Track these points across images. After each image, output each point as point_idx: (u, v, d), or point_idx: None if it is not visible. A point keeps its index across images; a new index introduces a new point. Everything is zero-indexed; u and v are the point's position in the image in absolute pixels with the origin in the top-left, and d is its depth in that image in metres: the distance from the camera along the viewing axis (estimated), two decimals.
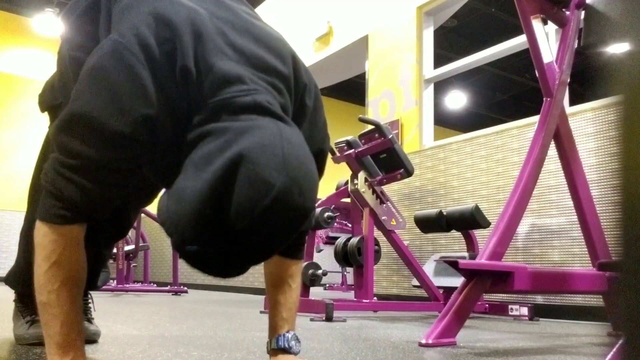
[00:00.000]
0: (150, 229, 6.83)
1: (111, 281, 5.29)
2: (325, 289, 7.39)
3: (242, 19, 0.93)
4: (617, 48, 0.32)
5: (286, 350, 1.13)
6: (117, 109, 0.82)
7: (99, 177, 0.87)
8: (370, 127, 3.28)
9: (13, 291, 1.61)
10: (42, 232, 0.93)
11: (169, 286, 5.94)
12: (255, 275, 5.62)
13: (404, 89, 4.63)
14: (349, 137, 3.30)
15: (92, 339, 1.55)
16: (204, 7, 0.91)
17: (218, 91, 0.81)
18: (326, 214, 3.26)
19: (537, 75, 2.16)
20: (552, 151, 2.20)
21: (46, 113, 1.38)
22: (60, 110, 1.29)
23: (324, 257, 4.71)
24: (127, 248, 5.60)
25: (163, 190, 0.80)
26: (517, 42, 3.85)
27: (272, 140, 0.73)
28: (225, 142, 0.73)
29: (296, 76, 0.93)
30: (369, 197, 3.16)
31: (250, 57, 0.87)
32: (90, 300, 1.65)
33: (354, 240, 3.20)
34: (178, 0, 0.89)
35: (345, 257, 3.24)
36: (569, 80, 2.23)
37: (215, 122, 0.78)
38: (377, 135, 3.16)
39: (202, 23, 0.87)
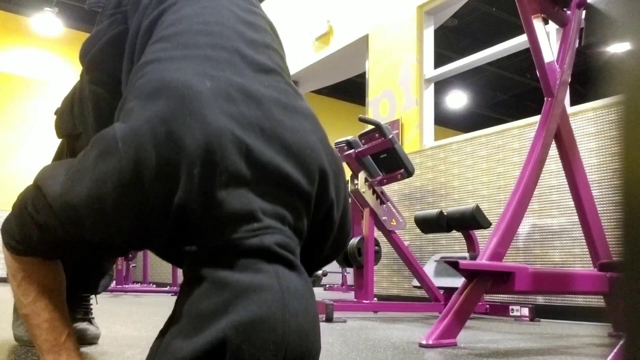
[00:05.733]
0: None
1: None
2: (325, 289, 7.41)
3: (274, 119, 0.82)
4: (618, 48, 0.32)
5: None
6: (73, 218, 0.79)
7: (55, 237, 0.86)
8: (370, 127, 3.27)
9: None
10: (4, 252, 0.93)
11: (168, 287, 5.94)
12: None
13: (404, 88, 4.63)
14: (349, 137, 3.30)
15: (91, 342, 1.54)
16: (232, 111, 0.79)
17: (224, 229, 0.74)
18: None
19: (538, 74, 2.16)
20: (553, 151, 2.20)
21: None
22: (78, 141, 1.27)
23: None
24: None
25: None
26: (518, 41, 3.84)
27: (273, 311, 0.69)
28: (222, 304, 0.68)
29: (322, 192, 0.85)
30: (369, 197, 3.15)
31: (272, 174, 0.78)
32: (91, 301, 1.65)
33: (354, 240, 3.20)
34: (200, 114, 0.77)
35: (345, 257, 3.23)
36: (570, 79, 2.23)
37: (217, 266, 0.72)
38: (377, 135, 3.15)
39: (221, 147, 0.75)
